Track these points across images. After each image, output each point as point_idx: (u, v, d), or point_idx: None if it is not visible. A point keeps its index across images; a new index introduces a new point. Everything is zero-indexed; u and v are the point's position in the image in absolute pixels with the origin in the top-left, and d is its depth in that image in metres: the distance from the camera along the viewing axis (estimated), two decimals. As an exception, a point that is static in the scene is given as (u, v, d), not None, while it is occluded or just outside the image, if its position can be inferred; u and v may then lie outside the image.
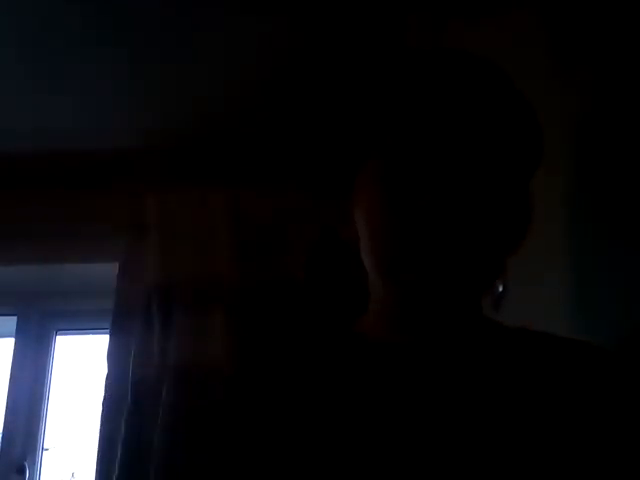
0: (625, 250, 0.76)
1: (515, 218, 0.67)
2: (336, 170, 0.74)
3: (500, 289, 1.14)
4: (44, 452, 2.09)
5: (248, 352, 0.75)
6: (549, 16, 0.96)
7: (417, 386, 0.65)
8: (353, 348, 0.71)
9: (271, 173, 2.02)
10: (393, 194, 0.64)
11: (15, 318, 2.17)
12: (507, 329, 0.73)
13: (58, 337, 2.22)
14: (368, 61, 1.81)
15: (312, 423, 0.64)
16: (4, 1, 1.62)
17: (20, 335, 2.15)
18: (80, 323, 2.24)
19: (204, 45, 1.77)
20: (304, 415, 0.65)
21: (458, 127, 0.63)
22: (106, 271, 1.94)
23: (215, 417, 0.72)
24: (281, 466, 0.63)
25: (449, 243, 0.62)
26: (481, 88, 0.66)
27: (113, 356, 1.85)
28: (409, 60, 0.70)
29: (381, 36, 1.75)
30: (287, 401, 0.67)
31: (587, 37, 0.84)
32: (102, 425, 1.78)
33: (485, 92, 0.66)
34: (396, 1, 1.65)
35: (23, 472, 1.99)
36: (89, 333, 2.31)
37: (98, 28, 1.70)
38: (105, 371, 1.84)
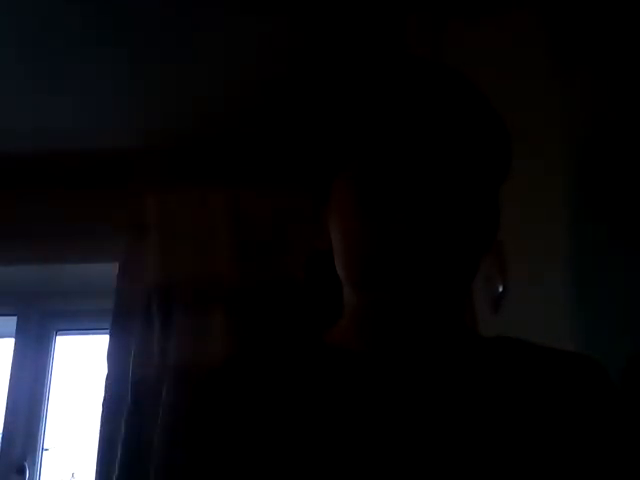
0: (625, 250, 0.76)
1: (485, 225, 0.68)
2: (316, 179, 0.75)
3: (500, 289, 1.14)
4: (44, 452, 2.09)
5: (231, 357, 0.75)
6: (549, 16, 0.96)
7: (384, 395, 0.64)
8: (323, 358, 0.70)
9: (271, 173, 2.02)
10: (366, 207, 0.65)
11: (15, 318, 2.17)
12: (482, 338, 0.73)
13: (58, 337, 2.22)
14: (368, 61, 1.80)
15: (281, 433, 0.64)
16: (4, 1, 1.62)
17: (20, 335, 2.15)
18: (80, 323, 2.24)
19: (204, 45, 1.77)
20: (271, 428, 0.64)
21: (430, 138, 0.64)
22: (106, 271, 1.94)
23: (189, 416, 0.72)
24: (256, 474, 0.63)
25: (423, 255, 0.62)
26: (451, 100, 0.66)
27: (113, 356, 1.85)
28: (383, 72, 0.71)
29: (381, 36, 1.75)
30: (259, 410, 0.66)
31: (587, 37, 0.84)
32: (102, 425, 1.78)
33: (455, 104, 0.66)
34: (396, 1, 1.65)
35: (23, 472, 1.99)
36: (89, 333, 2.31)
37: (98, 28, 1.70)
38: (105, 371, 1.84)
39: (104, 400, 1.80)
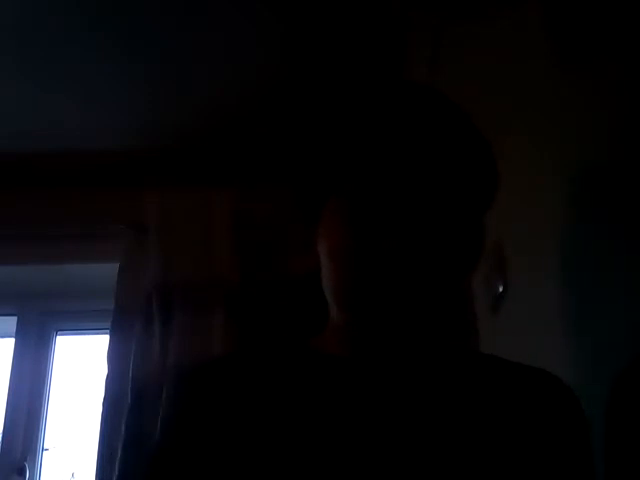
0: (625, 250, 0.76)
1: (468, 251, 0.70)
2: (305, 198, 0.78)
3: (500, 289, 1.14)
4: (44, 452, 2.09)
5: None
6: (549, 16, 0.96)
7: (364, 397, 0.67)
8: (308, 361, 0.73)
9: (271, 173, 2.02)
10: (356, 233, 0.67)
11: (15, 318, 2.17)
12: (463, 352, 0.77)
13: (58, 337, 2.22)
14: (368, 61, 1.81)
15: (265, 431, 0.65)
16: (4, 1, 1.62)
17: (20, 335, 2.15)
18: (80, 323, 2.24)
19: (204, 45, 1.77)
20: (254, 428, 0.66)
21: (418, 166, 0.67)
22: (106, 271, 1.95)
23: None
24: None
25: (409, 279, 0.65)
26: (439, 128, 0.69)
27: (113, 356, 1.85)
28: (376, 98, 0.73)
29: (381, 36, 1.75)
30: (241, 414, 0.68)
31: (588, 37, 0.84)
32: (102, 425, 1.78)
33: (443, 132, 0.69)
34: (396, 1, 1.65)
35: (23, 472, 1.99)
36: (89, 333, 2.31)
37: (99, 28, 1.71)
38: (105, 371, 1.84)
39: (104, 400, 1.80)
